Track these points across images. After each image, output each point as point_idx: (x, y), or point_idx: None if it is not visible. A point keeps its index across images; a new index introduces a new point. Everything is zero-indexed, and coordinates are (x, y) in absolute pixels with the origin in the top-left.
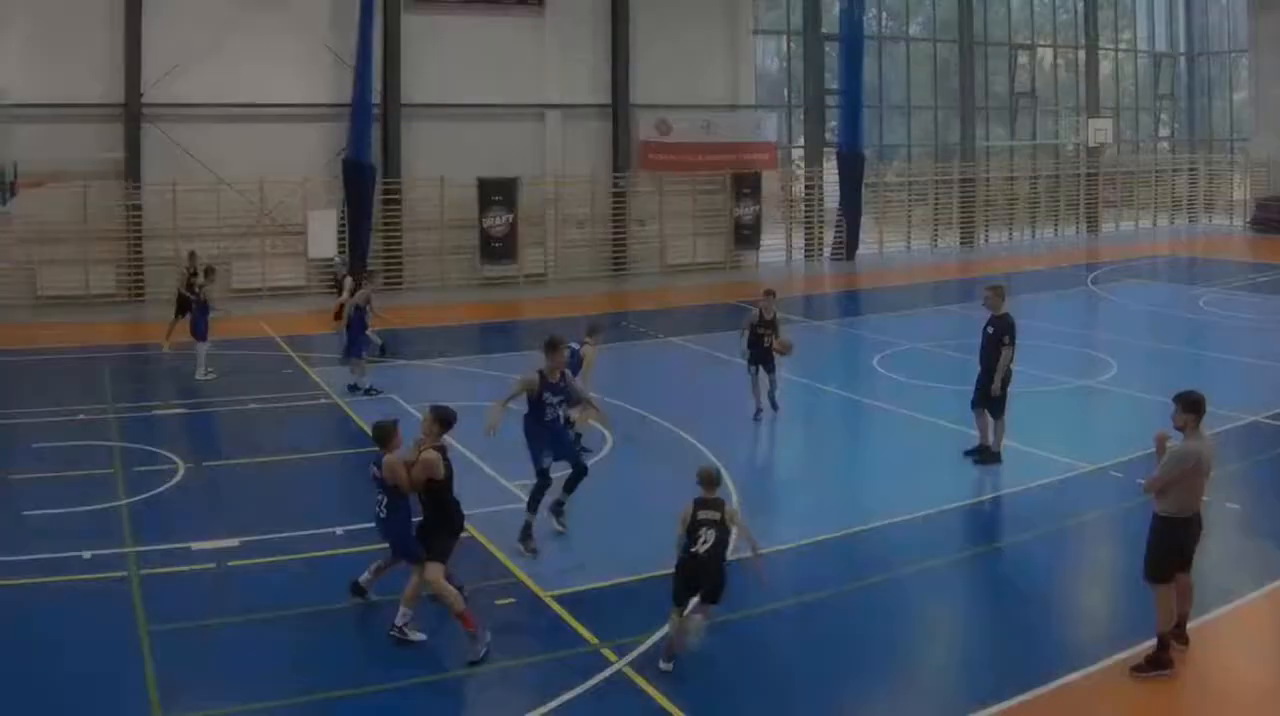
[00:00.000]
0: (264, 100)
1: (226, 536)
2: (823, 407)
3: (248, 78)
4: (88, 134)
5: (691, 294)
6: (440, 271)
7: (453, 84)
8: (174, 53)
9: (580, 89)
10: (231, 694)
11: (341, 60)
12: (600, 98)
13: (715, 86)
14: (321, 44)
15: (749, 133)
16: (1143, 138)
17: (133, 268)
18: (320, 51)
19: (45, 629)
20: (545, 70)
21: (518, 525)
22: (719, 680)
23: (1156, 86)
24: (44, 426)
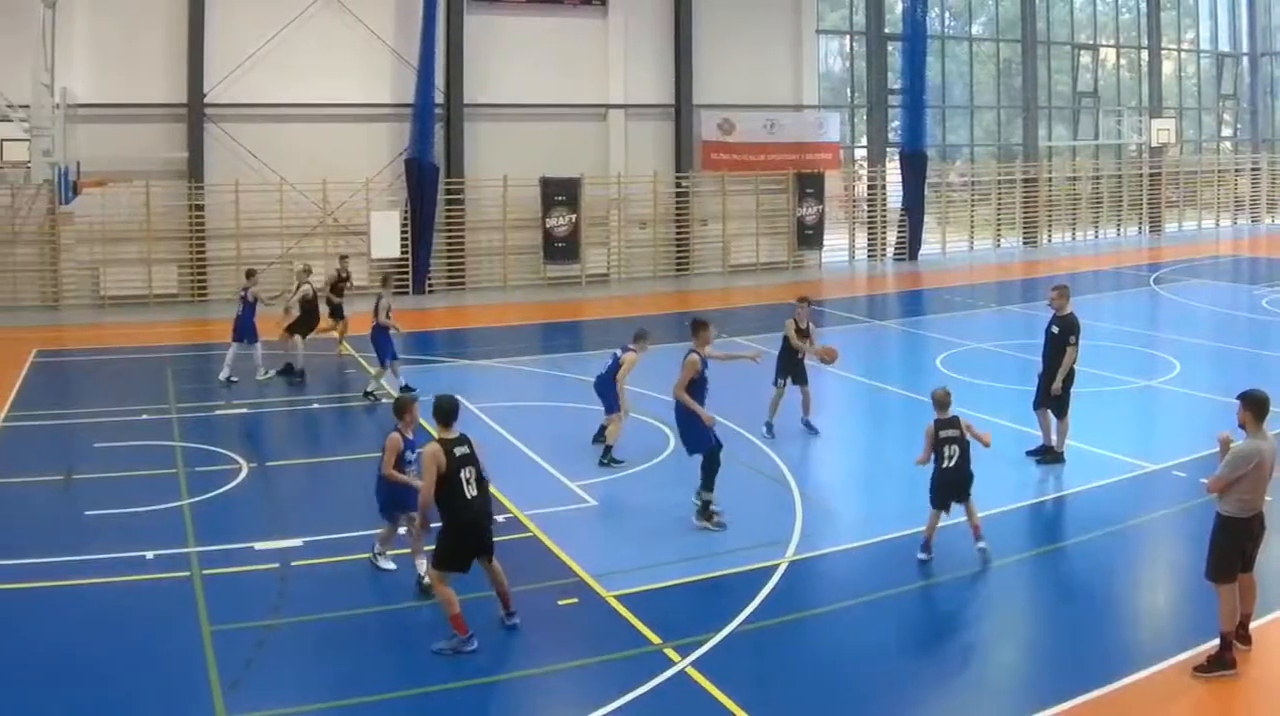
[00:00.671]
0: (326, 100)
1: (289, 536)
2: (885, 408)
3: (310, 78)
4: (150, 134)
5: (754, 294)
6: (503, 271)
7: (516, 84)
8: (237, 53)
9: (643, 89)
10: (294, 693)
11: (404, 60)
12: (663, 97)
13: (778, 86)
14: (384, 44)
15: (812, 132)
16: (1205, 138)
17: (195, 268)
18: (383, 52)
19: (109, 629)
20: (608, 70)
21: (580, 525)
22: (781, 680)
23: (1219, 86)
24: (107, 426)
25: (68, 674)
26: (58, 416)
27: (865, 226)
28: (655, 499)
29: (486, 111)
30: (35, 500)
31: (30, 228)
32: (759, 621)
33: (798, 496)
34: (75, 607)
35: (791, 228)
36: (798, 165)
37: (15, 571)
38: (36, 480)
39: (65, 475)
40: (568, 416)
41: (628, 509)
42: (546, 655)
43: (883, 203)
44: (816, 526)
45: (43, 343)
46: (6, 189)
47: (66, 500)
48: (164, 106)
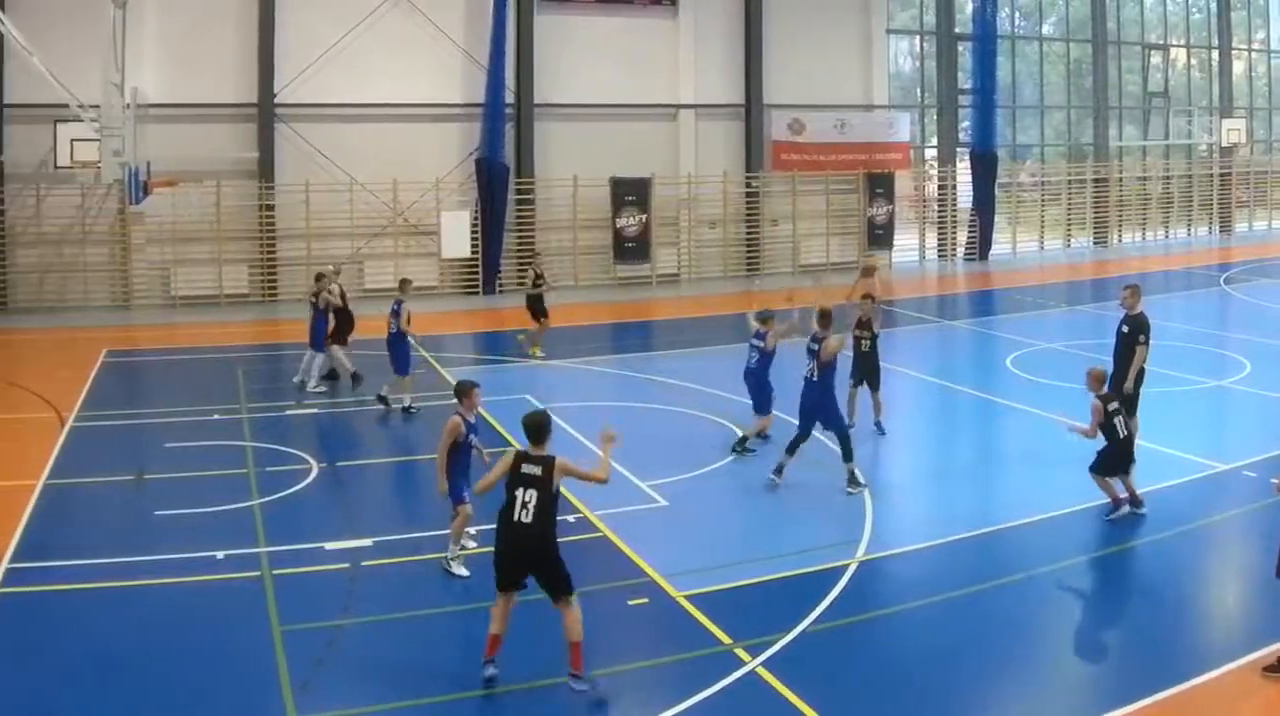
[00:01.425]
0: (397, 100)
1: (360, 536)
2: (956, 407)
3: (380, 78)
4: (221, 134)
5: (825, 294)
6: (573, 271)
7: (586, 84)
8: (307, 53)
9: (713, 89)
10: (364, 693)
11: (474, 60)
12: (733, 97)
13: (848, 86)
14: (454, 44)
15: (882, 132)
16: (1276, 138)
17: (266, 268)
18: (453, 52)
19: (180, 629)
20: (679, 70)
21: (651, 525)
22: (852, 680)
23: None
24: (177, 427)
25: (139, 674)
26: (128, 416)
27: (935, 226)
28: (726, 499)
29: (557, 111)
30: (106, 500)
31: (101, 228)
32: (829, 621)
33: (868, 496)
34: (146, 607)
35: (862, 228)
36: (868, 165)
37: (87, 571)
38: (107, 480)
39: (136, 475)
40: (638, 416)
41: (698, 509)
42: (617, 655)
43: (953, 203)
44: (887, 526)
45: (113, 342)
46: (77, 189)
47: (137, 500)
48: (234, 106)
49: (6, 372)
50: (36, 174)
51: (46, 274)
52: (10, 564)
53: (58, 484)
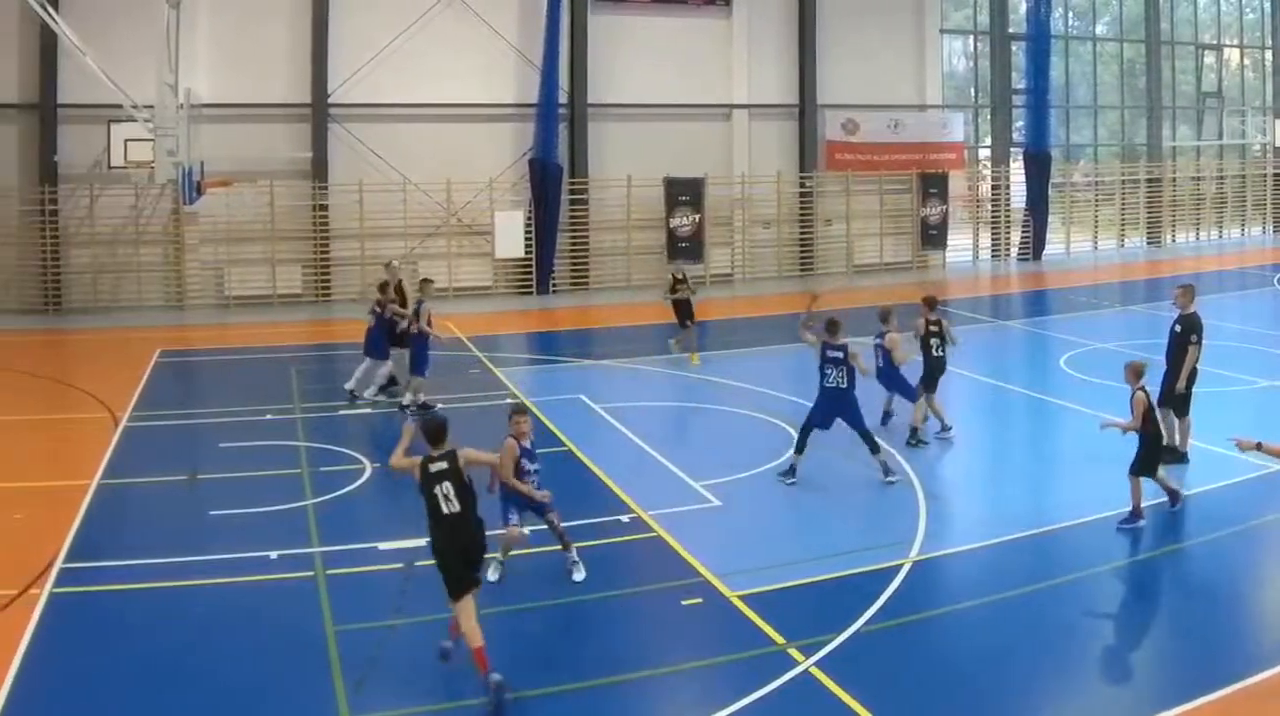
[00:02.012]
0: (450, 100)
1: (413, 536)
2: (1009, 408)
3: (434, 78)
4: (274, 134)
5: (878, 294)
6: (627, 271)
7: (639, 84)
8: (360, 53)
9: (767, 89)
10: (418, 693)
11: (528, 60)
12: (787, 97)
13: (902, 86)
14: (508, 44)
15: (936, 132)
16: None
17: (319, 268)
18: (506, 52)
19: (233, 628)
20: (732, 70)
21: (704, 525)
22: (906, 681)
23: None
24: (231, 426)
25: (192, 674)
26: (182, 416)
27: (989, 226)
28: (779, 498)
29: (610, 111)
30: (160, 500)
31: (155, 228)
32: (883, 621)
33: (921, 496)
34: (200, 607)
35: (915, 228)
36: (922, 165)
37: (141, 571)
38: (161, 480)
39: (190, 475)
40: (692, 416)
41: (751, 509)
42: (670, 655)
43: (1006, 203)
44: (940, 526)
45: (167, 342)
46: (131, 189)
47: (191, 500)
48: (288, 106)
49: (60, 373)
50: (90, 174)
51: (100, 274)
52: (64, 564)
53: (111, 484)
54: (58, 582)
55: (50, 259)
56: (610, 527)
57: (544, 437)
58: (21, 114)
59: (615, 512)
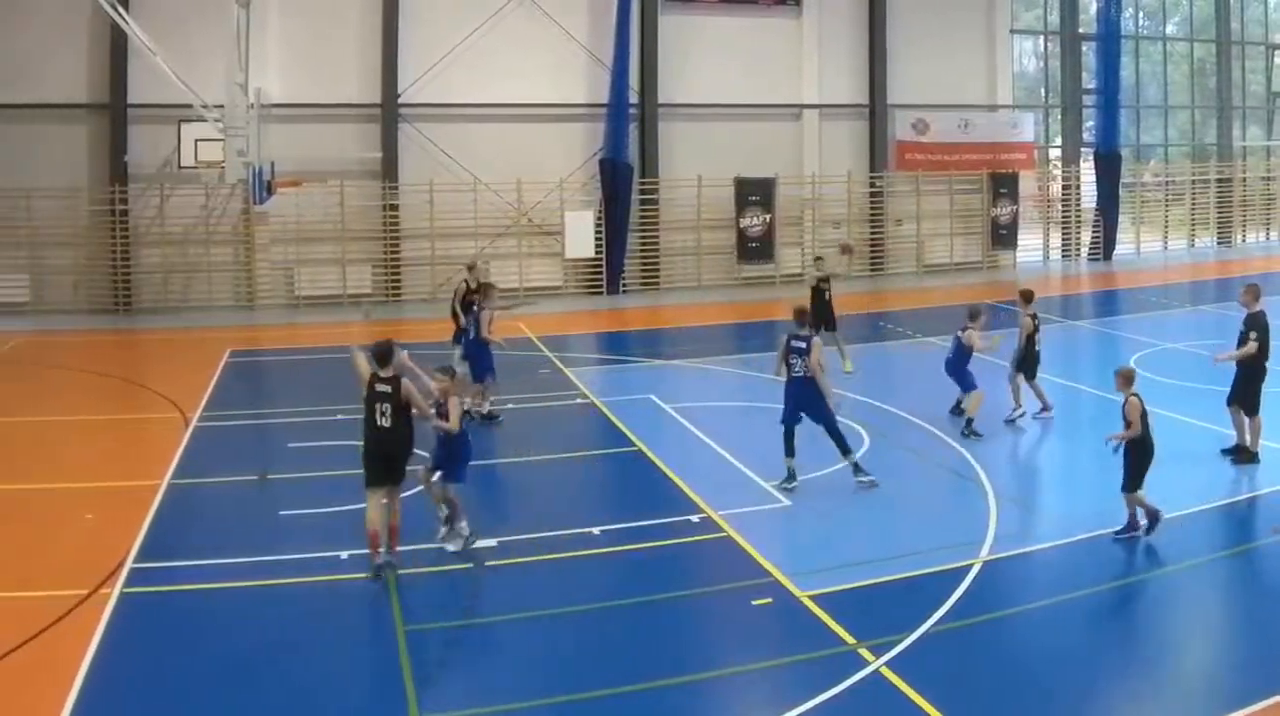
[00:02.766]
0: (520, 100)
1: (484, 536)
2: (1080, 407)
3: (504, 78)
4: (345, 134)
5: (948, 294)
6: (697, 271)
7: (710, 84)
8: (430, 53)
9: (837, 89)
10: (488, 694)
11: (598, 60)
12: (857, 97)
13: (972, 86)
14: (578, 44)
15: (1006, 132)
16: None
17: (389, 268)
18: (577, 52)
19: (303, 628)
20: (802, 70)
21: (774, 525)
22: (976, 681)
23: None
24: (301, 426)
25: (263, 673)
26: (252, 416)
27: (1060, 226)
28: (848, 498)
29: (681, 111)
30: (230, 500)
31: (225, 228)
32: (953, 621)
33: (992, 496)
34: (270, 607)
35: (986, 228)
36: (992, 165)
37: (211, 571)
38: (231, 480)
39: (260, 475)
40: (762, 416)
41: (821, 508)
42: (741, 655)
43: (1077, 203)
44: (1010, 526)
45: (237, 342)
46: (201, 189)
47: (261, 500)
48: (358, 107)
49: (131, 373)
50: (160, 174)
51: (170, 274)
52: (134, 564)
53: (182, 484)
54: (128, 582)
55: (120, 259)
56: (680, 528)
57: (614, 437)
58: (92, 114)
59: (685, 513)
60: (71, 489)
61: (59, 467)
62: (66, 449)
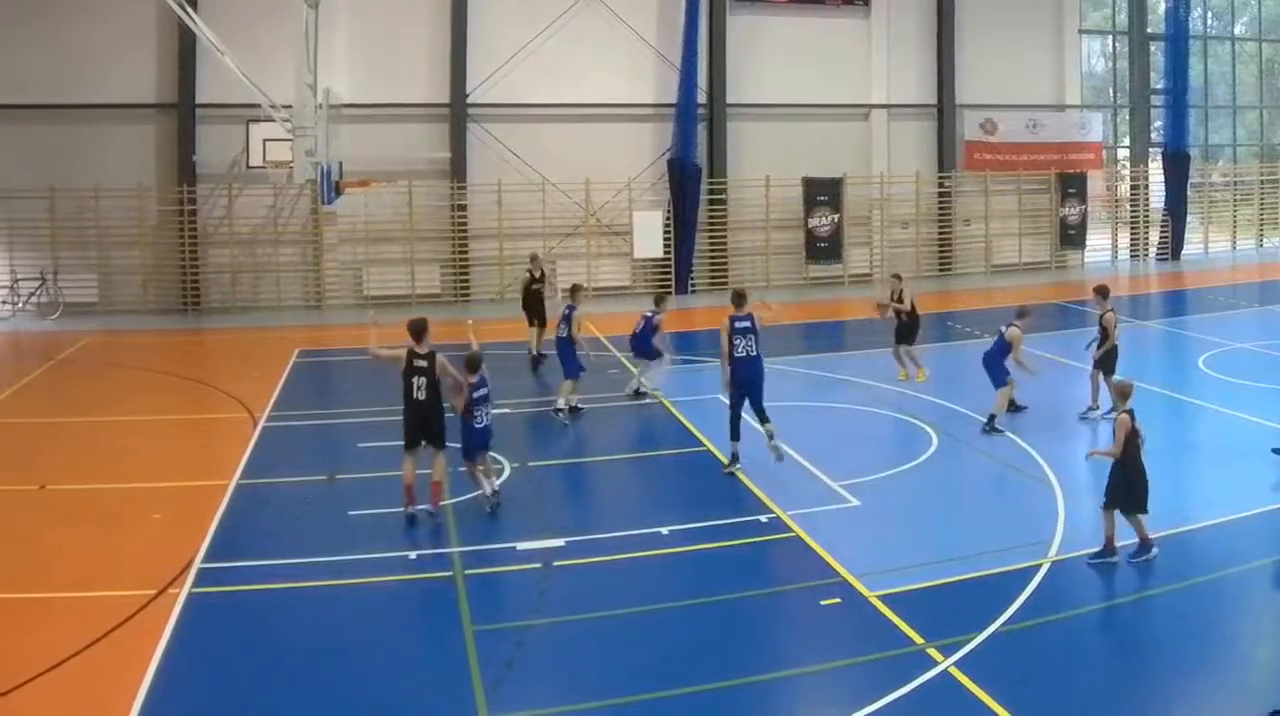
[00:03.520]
0: (588, 101)
1: (552, 536)
2: (1148, 407)
3: (572, 78)
4: (413, 134)
5: (1017, 294)
6: (765, 271)
7: (778, 84)
8: (498, 54)
9: (906, 89)
10: (556, 694)
11: (666, 60)
12: (926, 97)
13: (1041, 86)
14: (646, 44)
15: (1075, 132)
16: None
17: (458, 268)
18: (645, 52)
19: (372, 628)
20: (871, 70)
21: (843, 525)
22: (1045, 681)
23: None
24: (370, 426)
25: (331, 674)
26: (320, 416)
27: (1128, 226)
28: (917, 498)
29: (749, 111)
30: (298, 500)
31: (293, 228)
32: (1022, 621)
33: (1060, 496)
34: (339, 607)
35: (1054, 227)
36: (1060, 165)
37: (279, 571)
38: (299, 480)
39: (328, 475)
40: (830, 416)
41: (890, 508)
42: (810, 654)
43: (1145, 203)
44: (1079, 526)
45: (305, 342)
46: (269, 189)
47: (330, 500)
48: (426, 107)
49: (199, 373)
50: (229, 174)
51: (238, 274)
52: (203, 564)
53: (250, 484)
54: (196, 582)
55: (189, 259)
56: (749, 527)
57: (683, 438)
58: (160, 114)
59: (754, 513)
60: (140, 489)
61: (127, 468)
62: (135, 449)
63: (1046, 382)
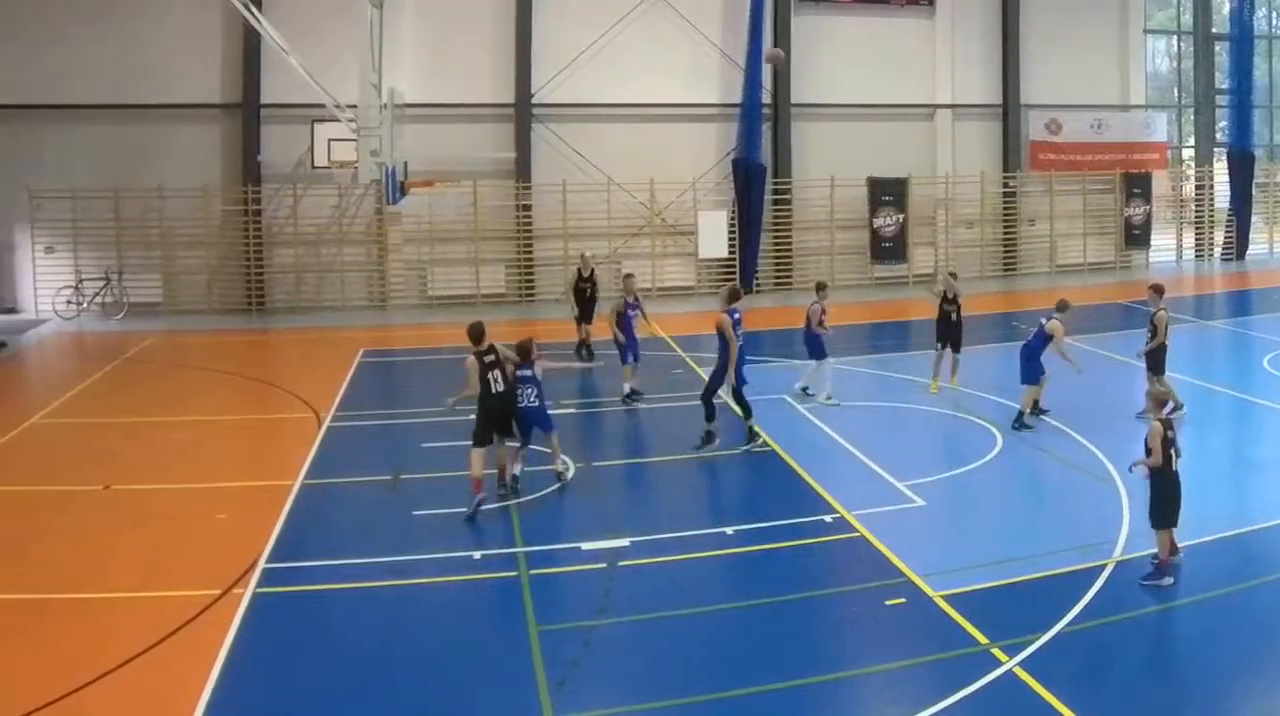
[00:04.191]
0: (653, 100)
1: (617, 536)
2: (1212, 407)
3: (637, 78)
4: (478, 134)
5: (1081, 294)
6: (830, 271)
7: (842, 84)
8: (563, 54)
9: (970, 89)
10: (621, 694)
11: (731, 60)
12: (990, 97)
13: (1106, 86)
14: (711, 44)
15: (1139, 132)
16: None
17: (523, 268)
18: (710, 52)
19: (436, 628)
20: (935, 70)
21: (908, 525)
22: (1109, 682)
23: None
24: (434, 426)
25: (396, 673)
26: (385, 416)
27: (1193, 226)
28: (982, 498)
29: (813, 111)
30: (363, 500)
31: (358, 228)
32: (1087, 621)
33: (1124, 496)
34: (403, 607)
35: (1119, 227)
36: (1125, 165)
37: (344, 571)
38: (364, 480)
39: (393, 475)
40: (895, 416)
41: (955, 508)
42: (875, 654)
43: (1210, 203)
44: (1143, 526)
45: (370, 342)
46: (334, 189)
47: (394, 499)
48: (491, 107)
49: (264, 373)
50: (293, 174)
51: (303, 274)
52: (267, 564)
53: (315, 484)
54: (261, 582)
55: (253, 259)
56: (814, 527)
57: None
58: (225, 114)
59: (819, 513)
60: (205, 489)
61: (192, 468)
62: (200, 449)
63: (1109, 381)
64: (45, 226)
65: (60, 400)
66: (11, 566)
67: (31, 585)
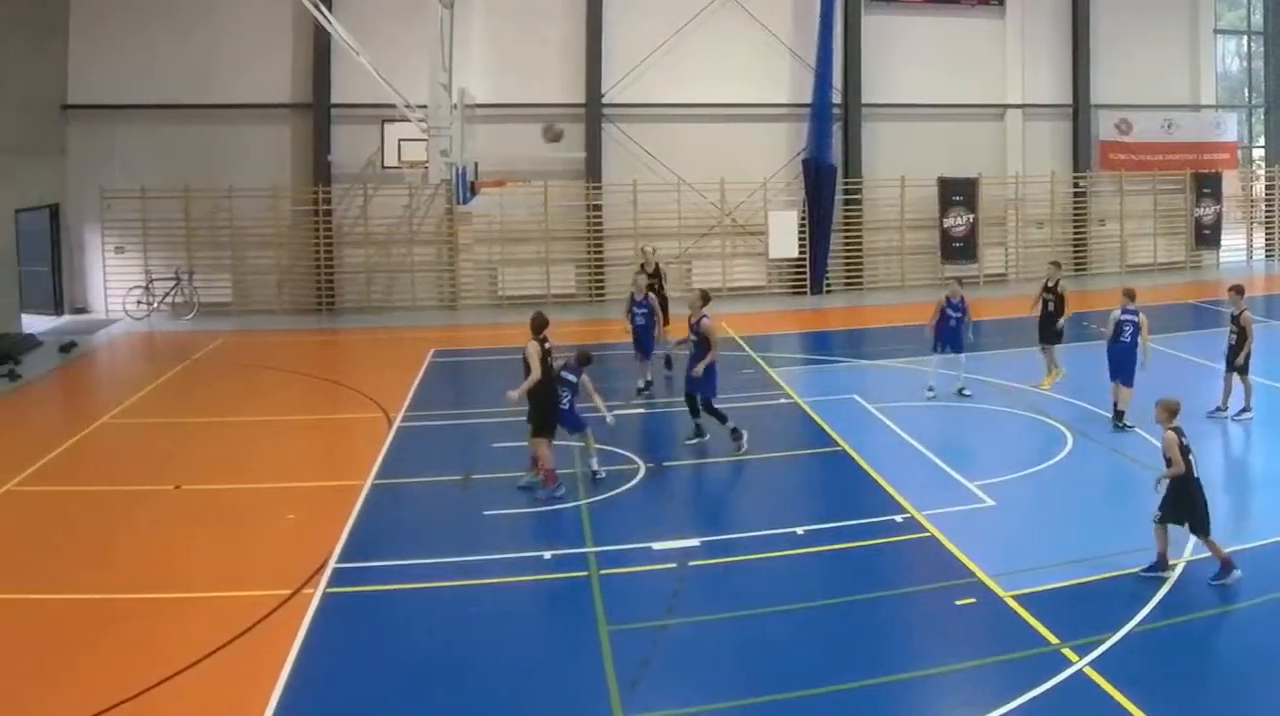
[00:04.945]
0: (723, 100)
1: (687, 536)
2: None
3: (707, 78)
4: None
5: (1152, 294)
6: (900, 271)
7: (912, 84)
8: (634, 54)
9: (1040, 89)
10: (691, 693)
11: (801, 60)
12: (1060, 97)
13: (1176, 86)
14: (781, 44)
15: (1210, 132)
16: None
17: (593, 268)
18: (780, 52)
19: (507, 628)
20: (1005, 70)
21: (978, 525)
22: (1182, 682)
23: None
24: (504, 426)
25: (466, 673)
26: (455, 416)
27: (1263, 226)
28: (1053, 498)
29: (883, 111)
30: (433, 500)
31: (428, 228)
32: (1157, 622)
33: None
34: (474, 607)
35: (1189, 228)
36: (1195, 165)
37: (414, 571)
38: (434, 480)
39: (464, 475)
40: (965, 416)
41: (1025, 508)
42: (945, 654)
43: None
44: (1215, 527)
45: (440, 342)
46: (404, 189)
47: (465, 500)
48: (562, 107)
49: (334, 373)
50: (364, 174)
51: (373, 274)
52: (338, 564)
53: (385, 484)
54: (331, 582)
55: (323, 259)
56: (884, 527)
57: (817, 437)
58: (296, 114)
59: (889, 513)
60: (275, 489)
61: (262, 467)
62: (270, 449)
63: (1180, 381)
64: (115, 226)
65: (130, 400)
66: (82, 566)
67: (102, 585)
